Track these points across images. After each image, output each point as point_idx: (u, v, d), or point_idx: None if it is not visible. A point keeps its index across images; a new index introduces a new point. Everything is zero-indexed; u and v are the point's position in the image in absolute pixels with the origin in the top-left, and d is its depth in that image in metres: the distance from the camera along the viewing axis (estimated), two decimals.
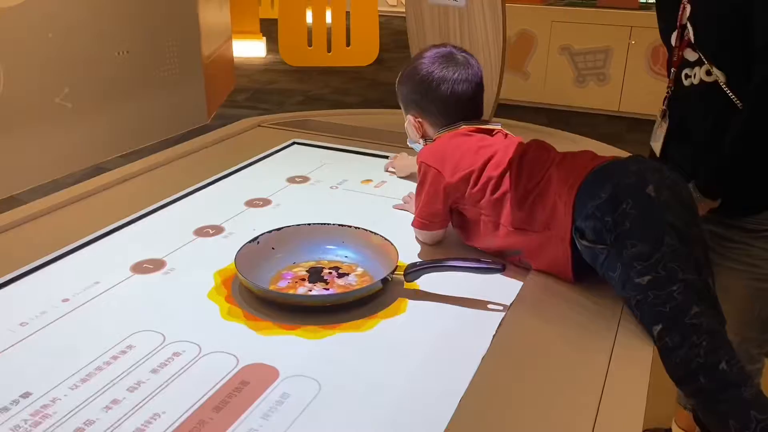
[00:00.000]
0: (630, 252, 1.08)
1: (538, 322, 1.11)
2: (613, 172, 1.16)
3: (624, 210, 1.09)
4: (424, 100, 1.41)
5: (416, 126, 1.44)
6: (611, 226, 1.09)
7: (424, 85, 1.39)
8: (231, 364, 0.98)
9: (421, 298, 1.17)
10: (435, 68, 1.38)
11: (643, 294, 1.07)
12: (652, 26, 1.66)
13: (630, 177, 1.13)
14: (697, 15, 1.40)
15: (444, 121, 1.40)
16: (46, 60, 2.70)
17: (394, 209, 1.53)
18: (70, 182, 1.96)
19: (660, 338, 1.05)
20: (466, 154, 1.30)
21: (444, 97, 1.38)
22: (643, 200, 1.09)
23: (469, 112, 1.40)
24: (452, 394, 0.92)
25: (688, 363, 1.05)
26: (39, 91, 2.72)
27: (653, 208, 1.10)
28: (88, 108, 2.94)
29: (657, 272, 1.06)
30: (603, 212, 1.10)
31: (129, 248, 1.32)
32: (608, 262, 1.11)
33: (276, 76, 6.84)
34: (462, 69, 1.39)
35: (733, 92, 1.35)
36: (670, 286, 1.06)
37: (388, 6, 10.48)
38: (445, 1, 2.03)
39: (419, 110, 1.43)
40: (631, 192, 1.10)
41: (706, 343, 1.05)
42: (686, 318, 1.05)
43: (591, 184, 1.15)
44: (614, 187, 1.11)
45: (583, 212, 1.13)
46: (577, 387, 0.95)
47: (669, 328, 1.05)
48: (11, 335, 1.04)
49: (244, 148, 1.92)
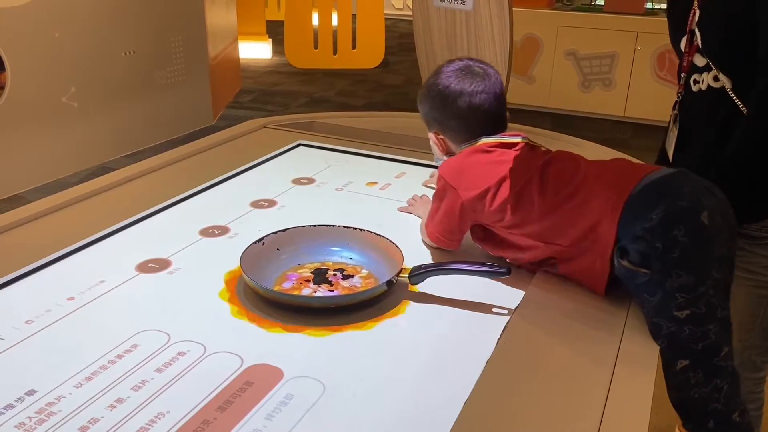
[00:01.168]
0: (675, 282, 1.04)
1: (543, 326, 1.11)
2: (664, 191, 1.10)
3: (675, 236, 1.04)
4: (443, 115, 1.36)
5: (438, 143, 1.39)
6: (660, 253, 1.05)
7: (441, 101, 1.35)
8: (235, 364, 0.98)
9: (425, 300, 1.17)
10: (452, 82, 1.34)
11: (678, 327, 1.05)
12: (657, 32, 1.67)
13: (683, 199, 1.08)
14: (705, 21, 1.40)
15: (464, 136, 1.35)
16: (52, 60, 2.71)
17: (399, 212, 1.53)
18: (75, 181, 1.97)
19: (683, 372, 1.04)
20: (482, 171, 1.25)
21: (462, 112, 1.33)
22: (697, 228, 1.05)
23: (490, 125, 1.34)
24: (456, 397, 0.92)
25: (705, 404, 1.05)
26: (45, 90, 2.73)
27: (705, 239, 1.06)
28: (94, 108, 2.96)
29: (698, 307, 1.04)
30: (654, 236, 1.05)
31: (134, 248, 1.32)
32: (648, 286, 1.07)
33: (281, 78, 6.85)
34: (479, 81, 1.34)
35: (740, 98, 1.35)
36: (708, 324, 1.04)
37: (394, 9, 10.50)
38: (452, 5, 2.03)
39: (440, 126, 1.38)
40: (685, 218, 1.05)
41: (727, 387, 1.05)
42: (716, 359, 1.04)
43: (640, 201, 1.09)
44: (667, 209, 1.06)
45: (630, 232, 1.08)
46: (582, 392, 0.95)
47: (695, 366, 1.04)
48: (16, 333, 1.04)
49: (250, 149, 1.92)
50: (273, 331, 1.07)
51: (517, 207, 1.20)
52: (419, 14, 2.17)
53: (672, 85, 1.54)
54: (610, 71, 5.47)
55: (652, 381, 0.98)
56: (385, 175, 1.76)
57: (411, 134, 2.11)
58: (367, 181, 1.71)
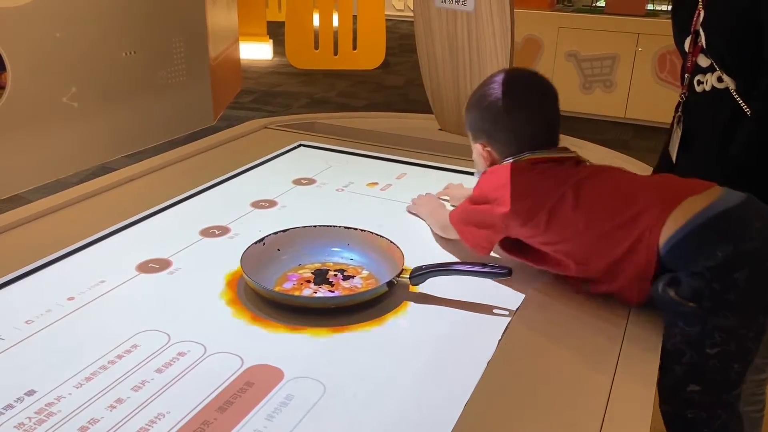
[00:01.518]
0: (719, 322, 1.01)
1: (544, 328, 1.10)
2: (733, 226, 1.03)
3: (736, 280, 0.99)
4: (494, 128, 1.29)
5: (484, 155, 1.31)
6: (716, 293, 1.00)
7: (494, 113, 1.28)
8: (236, 364, 0.98)
9: (426, 301, 1.17)
10: (506, 93, 1.27)
11: (703, 359, 1.03)
12: (658, 33, 1.67)
13: (754, 240, 1.01)
14: (709, 21, 1.39)
15: (513, 150, 1.27)
16: (53, 60, 2.71)
17: (407, 212, 1.52)
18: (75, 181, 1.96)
19: (689, 394, 1.04)
20: (521, 187, 1.20)
21: (515, 126, 1.27)
22: (760, 275, 1.01)
23: (540, 139, 1.27)
24: (457, 398, 0.91)
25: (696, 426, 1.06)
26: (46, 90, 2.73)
27: (766, 284, 1.02)
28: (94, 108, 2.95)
29: (730, 346, 1.02)
30: (714, 277, 1.00)
31: (135, 248, 1.32)
32: (689, 317, 1.03)
33: (282, 79, 6.85)
34: (536, 94, 1.29)
35: (743, 99, 1.35)
36: (734, 363, 1.03)
37: (394, 10, 10.51)
38: (453, 6, 2.03)
39: (488, 139, 1.30)
40: (751, 261, 1.00)
41: (724, 418, 1.05)
42: (727, 395, 1.05)
43: (705, 233, 1.02)
44: (735, 249, 1.00)
45: (689, 266, 1.02)
46: (583, 394, 0.95)
47: (705, 394, 1.04)
48: (17, 333, 1.04)
49: (251, 149, 1.92)
50: (273, 331, 1.07)
51: (550, 224, 1.14)
52: (420, 15, 2.16)
53: (673, 87, 1.54)
54: (611, 72, 5.47)
55: (653, 384, 0.98)
56: (385, 175, 1.76)
57: (412, 135, 2.11)
58: (368, 182, 1.71)
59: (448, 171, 1.80)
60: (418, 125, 2.29)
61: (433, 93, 2.27)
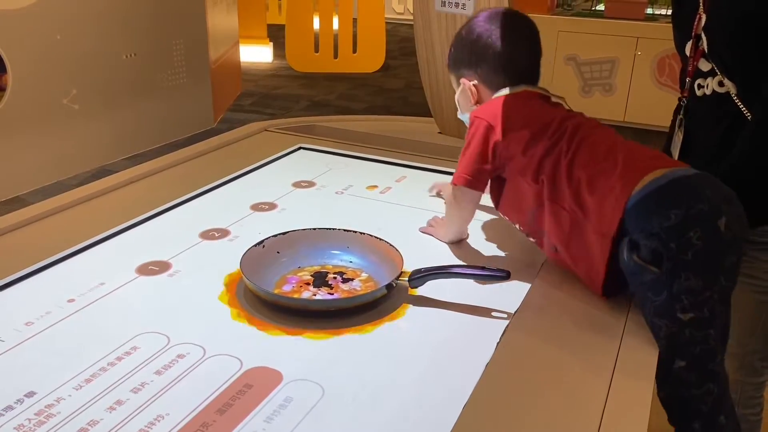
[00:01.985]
0: (683, 284, 1.04)
1: (543, 331, 1.11)
2: (685, 192, 1.08)
3: (690, 239, 1.03)
4: (481, 58, 1.32)
5: (472, 91, 1.34)
6: (673, 253, 1.04)
7: (481, 43, 1.31)
8: (235, 366, 0.98)
9: (425, 304, 1.17)
10: (492, 25, 1.30)
11: (679, 328, 1.05)
12: (658, 37, 1.67)
13: (704, 203, 1.06)
14: (711, 25, 1.40)
15: (504, 81, 1.31)
16: (53, 62, 2.71)
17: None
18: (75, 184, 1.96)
19: (678, 371, 1.05)
20: (525, 116, 1.24)
21: (506, 53, 1.30)
22: (712, 234, 1.05)
23: (529, 74, 1.33)
24: (456, 401, 0.92)
25: (693, 405, 1.07)
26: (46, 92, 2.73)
27: (719, 244, 1.05)
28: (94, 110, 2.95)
29: (702, 312, 1.04)
30: (669, 236, 1.04)
31: (134, 250, 1.32)
32: (654, 284, 1.06)
33: (282, 82, 6.86)
34: (522, 26, 1.33)
35: (744, 104, 1.36)
36: (708, 328, 1.05)
37: (394, 13, 10.52)
38: (452, 9, 2.03)
39: (475, 72, 1.34)
40: (703, 221, 1.04)
41: (717, 391, 1.06)
42: (711, 364, 1.06)
43: (660, 198, 1.07)
44: (687, 211, 1.05)
45: (646, 228, 1.06)
46: (581, 397, 0.95)
47: (691, 368, 1.06)
48: (16, 335, 1.04)
49: (251, 152, 1.92)
50: (273, 334, 1.07)
51: (545, 160, 1.19)
52: (420, 19, 2.17)
53: (672, 91, 1.54)
54: (611, 76, 5.48)
55: (651, 386, 0.98)
56: (385, 178, 1.76)
57: (411, 138, 2.11)
58: (368, 185, 1.71)
59: (448, 174, 1.80)
60: (418, 128, 2.30)
61: (433, 96, 2.27)
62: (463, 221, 1.37)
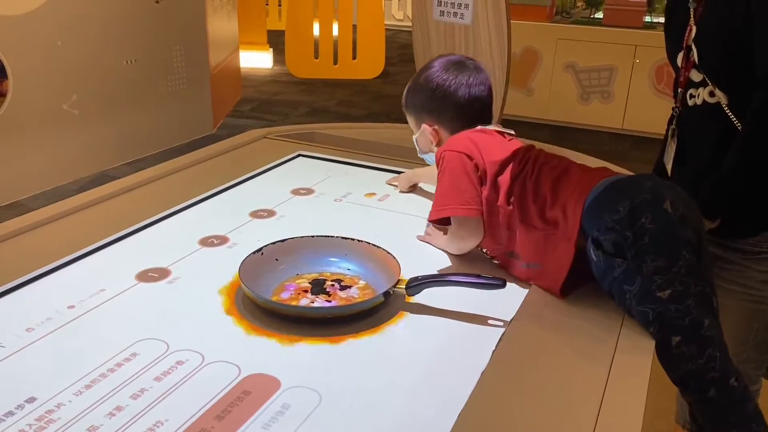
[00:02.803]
0: (650, 266, 1.10)
1: (538, 339, 1.12)
2: (628, 187, 1.18)
3: (643, 224, 1.11)
4: (441, 106, 1.43)
5: (432, 134, 1.46)
6: (631, 241, 1.11)
7: (440, 91, 1.42)
8: (233, 373, 0.99)
9: (422, 312, 1.18)
10: (449, 75, 1.42)
11: (664, 307, 1.10)
12: (656, 45, 1.69)
13: (646, 192, 1.15)
14: (701, 36, 1.41)
15: (461, 125, 1.42)
16: (54, 67, 2.73)
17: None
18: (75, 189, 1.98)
19: (677, 347, 1.10)
20: (491, 145, 1.33)
21: (463, 101, 1.41)
22: (661, 215, 1.12)
23: (485, 116, 1.44)
24: (452, 408, 0.93)
25: (703, 374, 1.12)
26: (47, 97, 2.74)
27: (671, 223, 1.12)
28: (95, 115, 2.97)
29: (675, 286, 1.10)
30: (622, 226, 1.12)
31: (134, 257, 1.33)
32: (625, 275, 1.12)
33: (282, 88, 6.87)
34: (475, 73, 1.44)
35: (735, 114, 1.37)
36: (687, 300, 1.10)
37: (394, 20, 10.55)
38: (451, 18, 2.05)
39: (435, 118, 1.45)
40: (649, 207, 1.12)
41: (719, 355, 1.12)
42: (702, 330, 1.10)
43: (606, 196, 1.17)
44: (632, 201, 1.13)
45: (601, 225, 1.14)
46: (575, 405, 0.96)
47: (687, 339, 1.10)
48: (17, 341, 1.05)
49: (250, 159, 1.93)
50: (271, 340, 1.08)
51: (513, 185, 1.27)
52: (419, 27, 2.19)
53: (670, 98, 1.56)
54: (609, 84, 5.50)
55: (644, 395, 0.99)
56: (383, 186, 1.77)
57: (410, 146, 2.12)
58: (366, 192, 1.72)
59: None
60: None
61: None
62: (469, 247, 1.36)
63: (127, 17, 3.06)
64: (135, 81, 3.16)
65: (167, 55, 3.37)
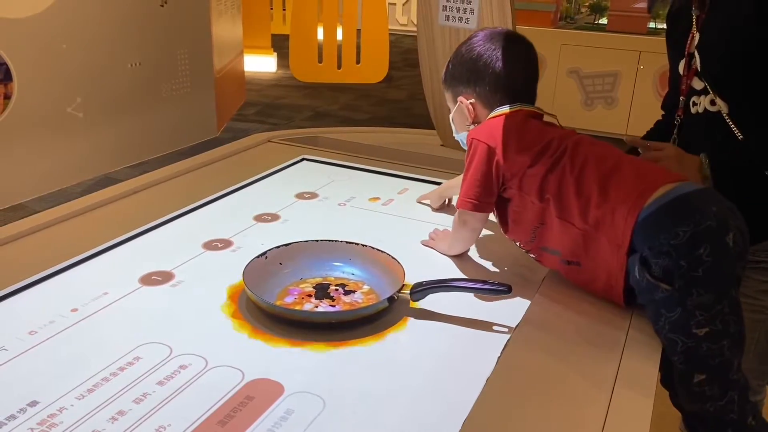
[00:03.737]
0: (695, 300, 1.05)
1: (544, 345, 1.11)
2: (692, 209, 1.09)
3: (700, 255, 1.05)
4: (480, 77, 1.33)
5: (469, 110, 1.35)
6: (684, 271, 1.05)
7: (481, 62, 1.32)
8: (237, 378, 0.98)
9: (426, 317, 1.18)
10: (493, 44, 1.32)
11: (696, 343, 1.07)
12: (660, 51, 1.68)
13: (711, 219, 1.07)
14: (704, 44, 1.41)
15: (501, 99, 1.32)
16: (59, 70, 2.73)
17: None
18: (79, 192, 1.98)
19: (699, 385, 1.07)
20: (523, 136, 1.26)
21: (504, 73, 1.31)
22: (721, 249, 1.06)
23: (525, 94, 1.34)
24: (456, 414, 0.92)
25: (723, 415, 1.09)
26: (51, 100, 2.74)
27: (728, 259, 1.07)
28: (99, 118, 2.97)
29: (715, 325, 1.06)
30: (679, 254, 1.06)
31: (138, 260, 1.33)
32: (667, 302, 1.07)
33: (286, 92, 6.88)
34: (522, 47, 1.35)
35: (735, 123, 1.36)
36: (723, 340, 1.07)
37: (398, 25, 10.57)
38: (456, 24, 2.05)
39: (472, 90, 1.35)
40: (711, 237, 1.06)
41: (738, 398, 1.09)
42: (731, 374, 1.08)
43: (667, 214, 1.09)
44: (695, 228, 1.06)
45: (654, 244, 1.08)
46: (581, 412, 0.95)
47: (712, 380, 1.08)
48: (20, 344, 1.04)
49: (254, 163, 1.93)
50: (274, 345, 1.08)
51: (548, 176, 1.20)
52: (423, 32, 2.18)
53: None
54: (613, 90, 5.49)
55: (651, 401, 0.98)
56: (387, 190, 1.77)
57: (414, 150, 2.12)
58: (370, 197, 1.72)
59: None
60: (420, 140, 2.31)
61: (436, 109, 2.29)
62: (470, 242, 1.39)
63: (131, 20, 3.07)
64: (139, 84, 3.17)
65: (172, 59, 3.37)
